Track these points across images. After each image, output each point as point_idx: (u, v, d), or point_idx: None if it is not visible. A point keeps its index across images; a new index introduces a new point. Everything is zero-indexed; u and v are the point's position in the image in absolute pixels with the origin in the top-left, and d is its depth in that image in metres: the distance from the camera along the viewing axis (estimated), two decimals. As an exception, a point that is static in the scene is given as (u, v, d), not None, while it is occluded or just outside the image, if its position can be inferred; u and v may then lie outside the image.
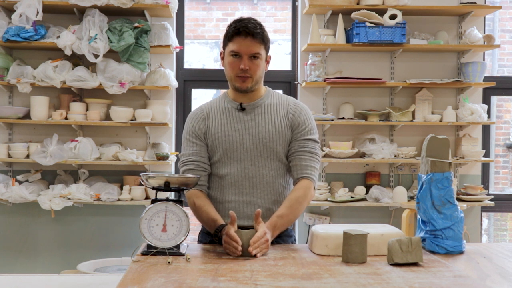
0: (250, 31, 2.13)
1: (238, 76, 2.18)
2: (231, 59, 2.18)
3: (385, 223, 3.35)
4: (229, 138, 2.22)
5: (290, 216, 2.15)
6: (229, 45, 2.18)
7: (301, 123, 2.25)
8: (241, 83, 2.19)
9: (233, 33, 2.15)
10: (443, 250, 2.01)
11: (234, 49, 2.16)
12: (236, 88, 2.22)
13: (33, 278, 2.10)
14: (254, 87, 2.22)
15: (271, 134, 2.21)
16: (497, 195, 4.92)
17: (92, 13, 4.14)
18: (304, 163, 2.22)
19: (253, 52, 2.15)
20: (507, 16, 7.09)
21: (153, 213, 1.91)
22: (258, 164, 2.21)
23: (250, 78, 2.18)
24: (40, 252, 4.51)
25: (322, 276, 1.66)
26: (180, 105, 4.70)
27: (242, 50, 2.15)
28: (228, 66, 2.20)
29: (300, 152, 2.23)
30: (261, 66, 2.20)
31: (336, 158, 4.36)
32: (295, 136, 2.24)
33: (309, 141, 2.25)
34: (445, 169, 2.04)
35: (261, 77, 2.23)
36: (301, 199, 2.18)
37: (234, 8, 7.38)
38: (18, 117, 4.25)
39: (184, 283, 1.57)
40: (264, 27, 2.20)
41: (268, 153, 2.22)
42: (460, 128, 4.65)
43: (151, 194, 4.26)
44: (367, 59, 4.60)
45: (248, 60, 2.16)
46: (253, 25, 2.15)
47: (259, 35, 2.15)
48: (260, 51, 2.17)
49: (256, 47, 2.15)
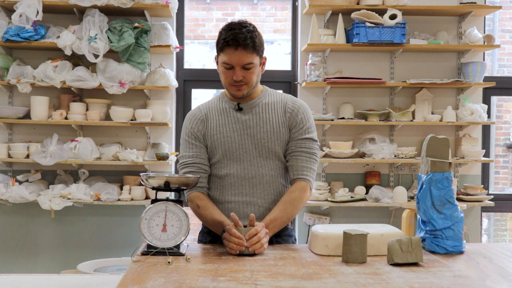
0: (240, 43, 2.05)
1: (232, 85, 2.15)
2: (224, 69, 2.13)
3: (385, 223, 3.35)
4: (228, 139, 2.21)
5: (283, 219, 2.14)
6: (221, 56, 2.12)
7: (298, 122, 2.22)
8: (236, 91, 2.16)
9: (224, 44, 2.08)
10: (443, 250, 2.01)
11: (226, 61, 2.10)
12: (232, 95, 2.20)
13: (33, 278, 2.09)
14: (250, 92, 2.20)
15: (269, 134, 2.20)
16: (497, 195, 4.92)
17: (92, 13, 4.14)
18: (300, 164, 2.20)
19: (245, 63, 2.09)
20: (507, 16, 7.09)
21: (153, 213, 1.91)
22: (258, 164, 2.20)
23: (245, 85, 2.15)
24: (40, 252, 4.51)
25: (322, 276, 1.66)
26: (180, 105, 4.70)
27: (234, 61, 2.09)
28: (222, 74, 2.17)
29: (297, 153, 2.21)
30: (256, 72, 2.15)
31: (336, 158, 4.36)
32: (293, 135, 2.22)
33: (307, 141, 2.22)
34: (445, 169, 2.04)
35: (257, 82, 2.19)
36: (295, 201, 2.17)
37: (234, 8, 7.37)
38: (18, 117, 4.25)
39: (184, 283, 1.57)
40: (256, 32, 2.11)
41: (267, 153, 2.21)
42: (460, 128, 4.65)
43: (151, 194, 4.26)
44: (367, 59, 4.60)
45: (240, 70, 2.10)
46: (243, 35, 2.05)
47: (250, 46, 2.07)
48: (253, 60, 2.10)
49: (247, 58, 2.09)
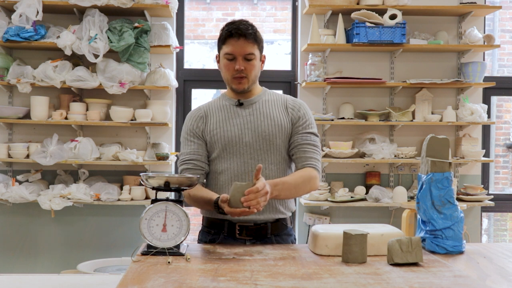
0: (242, 33, 2.17)
1: (234, 77, 2.23)
2: (226, 62, 2.22)
3: (385, 223, 3.35)
4: (228, 133, 2.24)
5: (291, 190, 2.14)
6: (223, 48, 2.22)
7: (301, 116, 2.29)
8: (237, 84, 2.24)
9: (226, 36, 2.19)
10: (443, 250, 2.01)
11: (228, 51, 2.20)
12: (233, 89, 2.27)
13: (33, 278, 2.10)
14: (250, 87, 2.27)
15: (270, 128, 2.24)
16: (497, 195, 4.92)
17: (92, 13, 4.14)
18: (308, 155, 2.25)
19: (247, 53, 2.19)
20: (507, 16, 7.10)
21: (153, 213, 1.91)
22: (258, 158, 2.22)
23: (246, 78, 2.23)
24: (40, 252, 4.51)
25: (322, 276, 1.66)
26: (180, 105, 4.70)
27: (236, 51, 2.19)
28: (224, 68, 2.25)
29: (303, 145, 2.25)
30: (256, 66, 2.24)
31: (336, 158, 4.36)
32: (296, 129, 2.27)
33: (311, 135, 2.28)
34: (445, 169, 2.04)
35: (256, 76, 2.27)
36: (306, 179, 2.19)
37: (234, 8, 7.37)
38: (18, 117, 4.25)
39: (184, 283, 1.57)
40: (256, 28, 2.24)
41: (267, 146, 2.23)
42: (460, 128, 4.64)
43: (151, 194, 4.26)
44: (367, 59, 4.60)
45: (242, 61, 2.20)
46: (245, 27, 2.18)
47: (251, 36, 2.18)
48: (254, 51, 2.20)
49: (249, 48, 2.19)
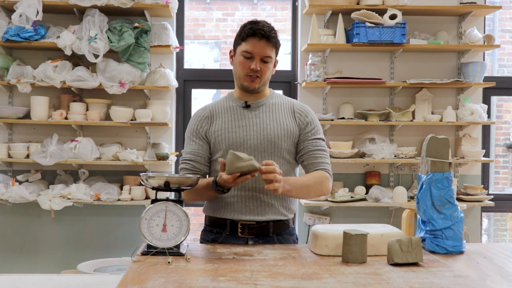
0: (266, 34, 2.18)
1: (248, 75, 2.23)
2: (243, 59, 2.22)
3: (385, 223, 3.35)
4: (232, 135, 2.24)
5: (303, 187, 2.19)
6: (242, 45, 2.22)
7: (309, 122, 2.30)
8: (249, 82, 2.24)
9: (248, 34, 2.19)
10: (443, 250, 2.01)
11: (247, 49, 2.20)
12: (244, 87, 2.26)
13: (33, 278, 2.10)
14: (261, 88, 2.27)
15: (276, 131, 2.24)
16: (497, 195, 4.92)
17: (92, 13, 4.14)
18: (319, 160, 2.27)
19: (266, 55, 2.20)
20: (507, 16, 7.10)
21: (153, 213, 1.91)
22: (262, 160, 2.21)
23: (259, 78, 2.24)
24: (40, 252, 4.51)
25: (322, 276, 1.66)
26: (180, 105, 4.70)
27: (255, 51, 2.19)
28: (238, 64, 2.24)
29: (314, 151, 2.27)
30: (271, 68, 2.26)
31: (336, 158, 4.35)
32: (305, 135, 2.28)
33: (320, 140, 2.31)
34: (445, 169, 2.04)
35: (268, 78, 2.28)
36: (318, 180, 2.22)
37: (234, 8, 7.37)
38: (18, 117, 4.25)
39: (184, 283, 1.57)
40: (277, 32, 2.25)
41: (272, 149, 2.23)
42: (460, 128, 4.64)
43: (151, 194, 4.26)
44: (367, 59, 4.60)
45: (259, 61, 2.21)
46: (268, 29, 2.20)
47: (273, 39, 2.20)
48: (272, 54, 2.22)
49: (268, 50, 2.20)
